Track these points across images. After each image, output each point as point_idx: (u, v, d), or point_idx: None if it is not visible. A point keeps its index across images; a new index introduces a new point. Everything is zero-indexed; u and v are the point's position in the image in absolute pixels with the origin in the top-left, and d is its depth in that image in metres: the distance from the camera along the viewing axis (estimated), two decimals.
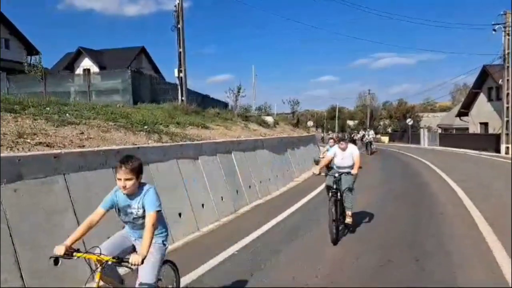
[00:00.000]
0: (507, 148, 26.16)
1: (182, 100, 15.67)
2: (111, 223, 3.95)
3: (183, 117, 12.14)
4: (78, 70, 35.91)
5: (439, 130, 46.97)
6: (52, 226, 4.57)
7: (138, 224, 3.28)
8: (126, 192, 3.16)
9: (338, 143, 7.16)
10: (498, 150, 27.07)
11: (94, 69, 35.41)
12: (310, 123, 50.24)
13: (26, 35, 31.88)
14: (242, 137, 12.36)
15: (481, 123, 35.29)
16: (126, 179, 3.11)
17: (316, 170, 7.10)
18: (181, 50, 15.74)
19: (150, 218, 3.10)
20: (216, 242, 6.55)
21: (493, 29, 26.16)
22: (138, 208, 3.22)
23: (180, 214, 6.98)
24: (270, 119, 21.83)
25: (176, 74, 16.03)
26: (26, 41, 31.40)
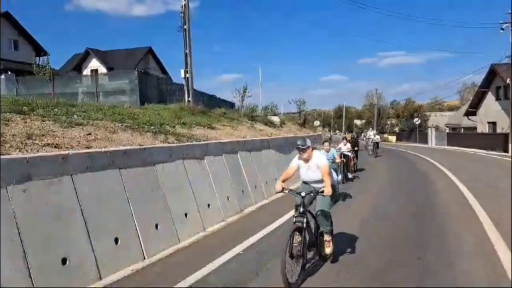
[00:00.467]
0: None
1: (188, 100, 15.74)
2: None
3: (190, 117, 12.20)
4: (86, 71, 36.25)
5: (447, 130, 46.68)
6: (60, 226, 4.65)
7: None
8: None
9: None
10: (506, 150, 26.85)
11: (102, 70, 35.69)
12: (317, 123, 50.12)
13: (35, 37, 32.34)
14: (248, 137, 12.39)
15: (489, 123, 35.05)
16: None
17: (277, 186, 5.19)
18: (187, 51, 15.80)
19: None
20: (221, 242, 6.60)
21: (501, 28, 25.99)
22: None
23: (186, 214, 7.04)
24: (276, 119, 21.81)
25: (182, 75, 16.10)
26: (34, 42, 31.78)
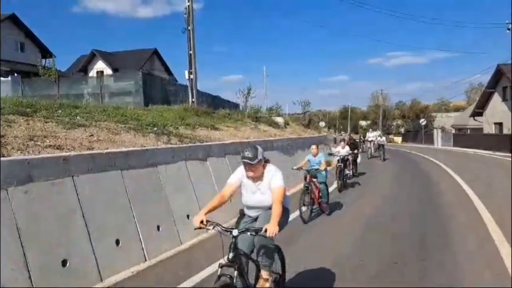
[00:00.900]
0: None
1: (192, 101, 15.79)
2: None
3: (193, 118, 12.22)
4: (92, 73, 36.46)
5: (453, 131, 46.39)
6: (60, 227, 4.67)
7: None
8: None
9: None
10: None
11: (108, 71, 35.90)
12: (322, 124, 49.94)
13: (41, 38, 32.59)
14: (252, 138, 12.39)
15: (495, 123, 34.74)
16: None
17: (195, 219, 3.55)
18: (191, 52, 15.85)
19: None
20: (224, 243, 6.57)
21: (507, 28, 25.83)
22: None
23: (188, 216, 7.04)
24: (280, 120, 21.78)
25: (186, 76, 16.15)
26: (41, 44, 32.00)
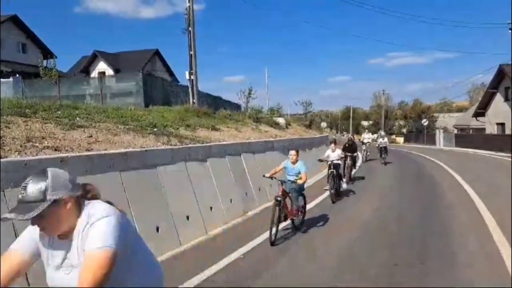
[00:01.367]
0: None
1: (193, 102, 15.74)
2: None
3: (194, 119, 12.18)
4: (94, 73, 36.47)
5: (455, 131, 46.25)
6: None
7: None
8: None
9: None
10: None
11: (109, 72, 35.91)
12: (324, 124, 49.92)
13: (43, 39, 32.61)
14: (252, 138, 12.35)
15: (497, 124, 34.61)
16: None
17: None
18: (191, 52, 15.80)
19: None
20: (224, 244, 6.55)
21: (509, 28, 25.72)
22: None
23: (188, 217, 7.00)
24: (281, 120, 21.73)
25: (187, 77, 16.11)
26: (42, 45, 32.04)
